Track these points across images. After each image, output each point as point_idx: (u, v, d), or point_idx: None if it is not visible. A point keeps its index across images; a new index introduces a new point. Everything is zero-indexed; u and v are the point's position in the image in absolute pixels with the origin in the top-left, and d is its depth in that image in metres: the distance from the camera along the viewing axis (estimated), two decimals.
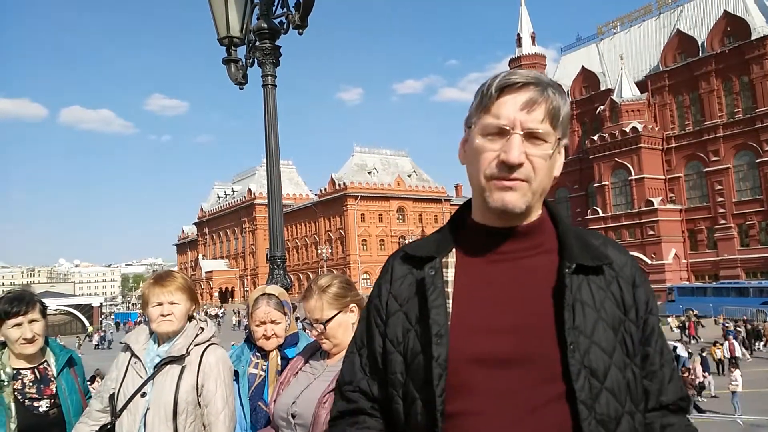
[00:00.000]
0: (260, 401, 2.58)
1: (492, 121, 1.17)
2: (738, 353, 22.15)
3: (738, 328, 28.27)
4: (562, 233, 1.25)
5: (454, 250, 1.28)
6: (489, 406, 1.12)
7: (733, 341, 22.68)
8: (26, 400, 2.62)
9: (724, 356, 21.64)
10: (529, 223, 1.24)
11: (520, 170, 1.15)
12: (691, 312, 35.07)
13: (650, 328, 1.23)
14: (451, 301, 1.21)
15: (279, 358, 2.66)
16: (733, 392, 16.01)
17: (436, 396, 1.14)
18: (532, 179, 1.17)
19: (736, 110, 48.78)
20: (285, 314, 2.68)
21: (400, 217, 76.69)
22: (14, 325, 2.61)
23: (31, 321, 2.65)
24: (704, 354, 20.27)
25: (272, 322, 2.64)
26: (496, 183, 1.17)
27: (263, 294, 2.71)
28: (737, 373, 16.56)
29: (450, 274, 1.25)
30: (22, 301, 2.65)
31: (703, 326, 32.16)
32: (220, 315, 56.41)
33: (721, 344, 22.69)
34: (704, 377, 18.68)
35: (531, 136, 1.16)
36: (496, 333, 1.16)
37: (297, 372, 2.29)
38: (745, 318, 32.20)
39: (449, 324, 1.18)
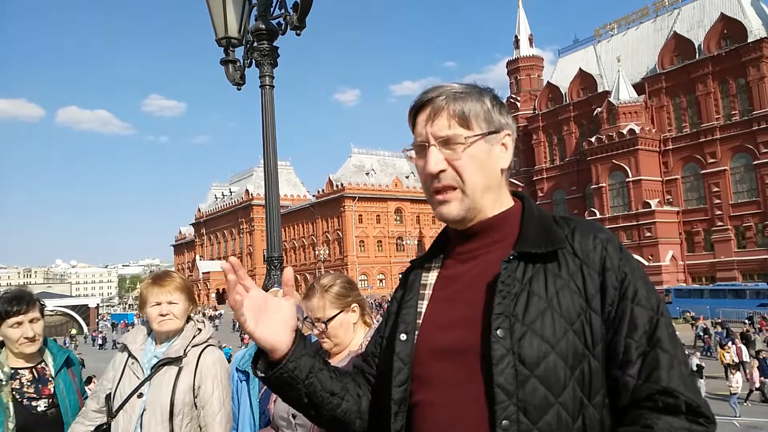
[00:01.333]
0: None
1: (415, 140, 1.29)
2: (746, 357, 21.00)
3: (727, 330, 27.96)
4: (523, 224, 1.27)
5: (440, 256, 1.38)
6: (440, 396, 1.19)
7: (740, 345, 22.02)
8: (24, 400, 2.61)
9: (732, 360, 20.31)
10: (486, 220, 1.29)
11: (444, 177, 1.24)
12: (688, 314, 35.15)
13: (621, 313, 1.13)
14: (426, 301, 1.31)
15: None
16: (732, 394, 16.07)
17: (393, 386, 1.24)
18: (460, 183, 1.24)
19: (733, 112, 48.89)
20: None
21: (398, 218, 76.71)
22: (15, 324, 2.61)
23: (32, 320, 2.66)
24: (761, 356, 18.66)
25: None
26: (435, 197, 1.27)
27: None
28: (738, 375, 16.63)
29: (431, 277, 1.35)
30: (22, 300, 2.65)
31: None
32: (218, 316, 56.31)
33: (729, 347, 21.73)
34: (762, 382, 17.63)
35: (445, 143, 1.24)
36: (451, 327, 1.23)
37: None
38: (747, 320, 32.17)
39: (418, 322, 1.29)
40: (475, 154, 1.24)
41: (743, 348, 21.94)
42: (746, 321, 30.89)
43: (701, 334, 27.86)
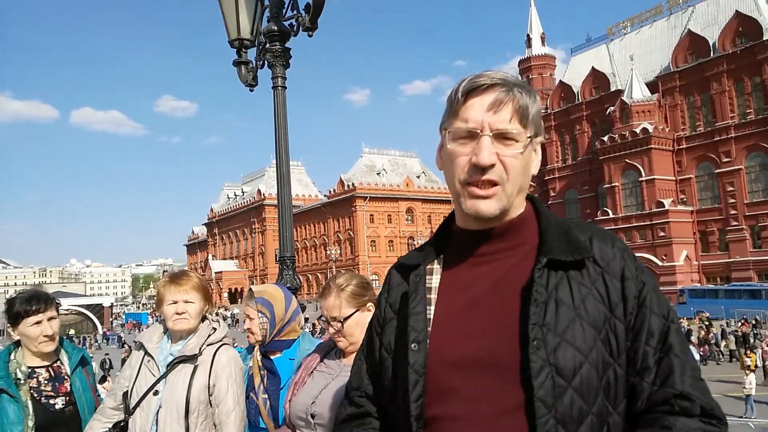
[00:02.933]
0: (252, 392, 2.58)
1: (461, 125, 1.18)
2: None
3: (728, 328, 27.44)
4: (543, 229, 1.23)
5: (441, 256, 1.30)
6: (465, 409, 1.13)
7: (767, 348, 21.26)
8: (42, 398, 2.65)
9: (756, 365, 19.41)
10: (506, 222, 1.22)
11: (492, 171, 1.16)
12: (703, 314, 34.81)
13: (640, 321, 1.14)
14: (433, 307, 1.24)
15: (259, 355, 2.62)
16: (747, 395, 15.94)
17: (411, 401, 1.16)
18: (504, 180, 1.17)
19: (748, 111, 48.32)
20: (259, 311, 2.61)
21: (409, 218, 76.65)
22: (34, 323, 2.66)
23: (50, 318, 2.70)
24: None
25: (248, 317, 2.64)
26: (470, 190, 1.18)
27: (249, 288, 2.72)
28: (752, 376, 16.48)
29: (435, 280, 1.27)
30: (41, 299, 2.70)
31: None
32: (230, 316, 56.53)
33: (754, 351, 21.00)
34: None
35: (501, 136, 1.16)
36: (473, 336, 1.16)
37: (312, 372, 2.30)
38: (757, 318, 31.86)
39: (429, 330, 1.21)
40: (525, 155, 1.19)
41: None
42: (743, 321, 30.27)
43: (713, 341, 26.63)
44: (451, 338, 1.18)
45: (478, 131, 1.16)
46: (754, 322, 30.88)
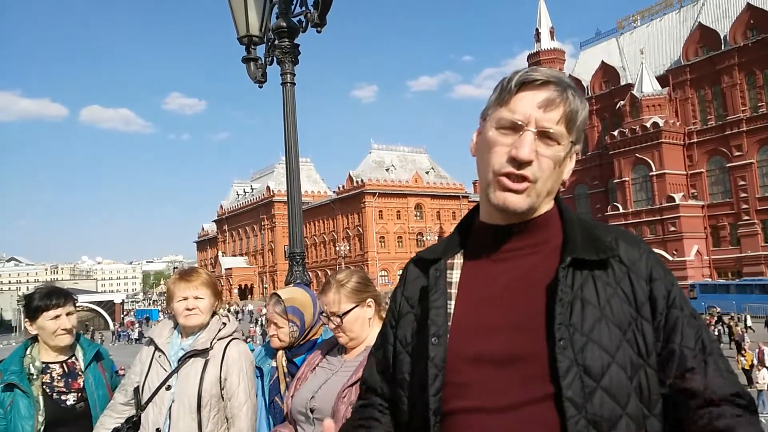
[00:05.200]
0: (277, 396, 2.60)
1: (507, 115, 1.16)
2: None
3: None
4: (567, 228, 1.21)
5: (462, 251, 1.29)
6: (484, 404, 1.12)
7: (764, 347, 20.00)
8: (54, 394, 2.69)
9: (753, 363, 19.11)
10: (532, 220, 1.21)
11: (528, 168, 1.14)
12: (714, 309, 34.60)
13: (672, 322, 1.13)
14: (453, 302, 1.23)
15: (284, 360, 2.63)
16: (760, 391, 15.87)
17: (430, 395, 1.15)
18: (538, 179, 1.15)
19: (760, 104, 47.94)
20: (289, 321, 2.60)
21: (418, 214, 76.57)
22: (53, 317, 2.70)
23: (68, 313, 2.76)
24: None
25: (275, 324, 2.62)
26: (502, 181, 1.16)
27: (274, 294, 2.70)
28: (764, 371, 16.40)
29: (455, 275, 1.26)
30: (60, 294, 2.77)
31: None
32: (241, 311, 56.76)
33: (747, 350, 20.67)
34: None
35: (544, 135, 1.14)
36: (494, 332, 1.15)
37: (314, 367, 2.32)
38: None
39: (449, 325, 1.20)
40: (562, 160, 1.18)
41: (766, 350, 19.84)
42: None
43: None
44: (471, 333, 1.18)
45: (523, 125, 1.14)
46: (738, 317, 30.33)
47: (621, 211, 52.30)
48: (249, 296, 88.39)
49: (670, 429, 1.11)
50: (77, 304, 2.93)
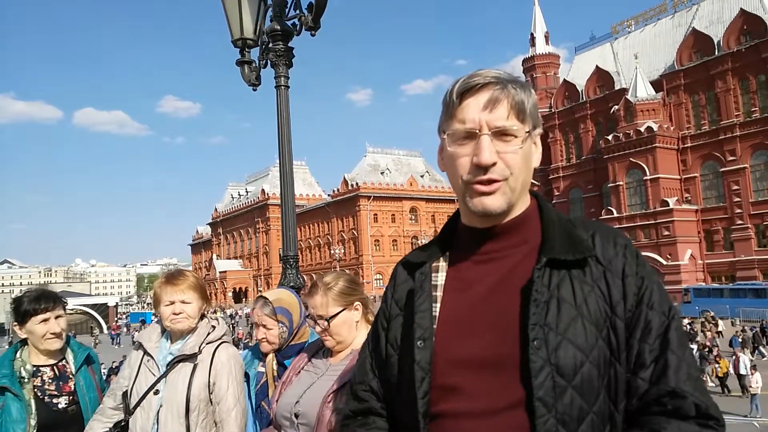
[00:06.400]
0: (264, 401, 2.58)
1: (459, 126, 1.18)
2: (743, 370, 18.53)
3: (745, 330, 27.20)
4: (545, 227, 1.23)
5: (446, 254, 1.31)
6: (469, 408, 1.13)
7: (741, 355, 19.75)
8: (45, 397, 2.67)
9: (728, 371, 19.10)
10: (510, 220, 1.23)
11: (494, 170, 1.16)
12: (708, 313, 34.70)
13: (637, 318, 1.13)
14: (439, 305, 1.24)
15: (275, 363, 2.62)
16: (753, 395, 15.90)
17: (418, 398, 1.17)
18: (508, 176, 1.17)
19: (753, 109, 48.11)
20: (278, 321, 2.60)
21: (413, 217, 76.64)
22: (41, 321, 2.68)
23: (57, 317, 2.73)
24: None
25: (264, 326, 2.61)
26: (475, 188, 1.18)
27: (261, 296, 2.69)
28: (757, 375, 16.44)
29: (440, 278, 1.28)
30: (49, 297, 2.74)
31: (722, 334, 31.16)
32: (235, 314, 56.57)
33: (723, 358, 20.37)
34: None
35: (499, 134, 1.16)
36: (477, 335, 1.17)
37: (299, 371, 2.30)
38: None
39: (434, 328, 1.21)
40: (526, 150, 1.19)
41: (743, 359, 19.22)
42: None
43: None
44: (456, 336, 1.19)
45: (477, 131, 1.16)
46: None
47: (615, 215, 52.36)
48: (243, 299, 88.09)
49: (626, 424, 1.11)
50: (69, 307, 2.91)
